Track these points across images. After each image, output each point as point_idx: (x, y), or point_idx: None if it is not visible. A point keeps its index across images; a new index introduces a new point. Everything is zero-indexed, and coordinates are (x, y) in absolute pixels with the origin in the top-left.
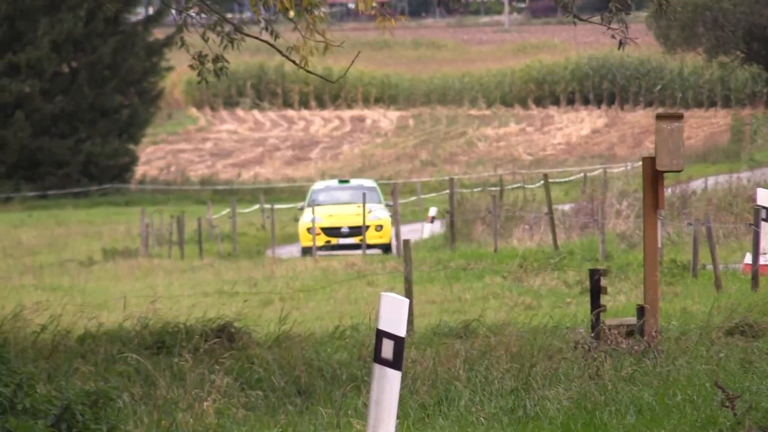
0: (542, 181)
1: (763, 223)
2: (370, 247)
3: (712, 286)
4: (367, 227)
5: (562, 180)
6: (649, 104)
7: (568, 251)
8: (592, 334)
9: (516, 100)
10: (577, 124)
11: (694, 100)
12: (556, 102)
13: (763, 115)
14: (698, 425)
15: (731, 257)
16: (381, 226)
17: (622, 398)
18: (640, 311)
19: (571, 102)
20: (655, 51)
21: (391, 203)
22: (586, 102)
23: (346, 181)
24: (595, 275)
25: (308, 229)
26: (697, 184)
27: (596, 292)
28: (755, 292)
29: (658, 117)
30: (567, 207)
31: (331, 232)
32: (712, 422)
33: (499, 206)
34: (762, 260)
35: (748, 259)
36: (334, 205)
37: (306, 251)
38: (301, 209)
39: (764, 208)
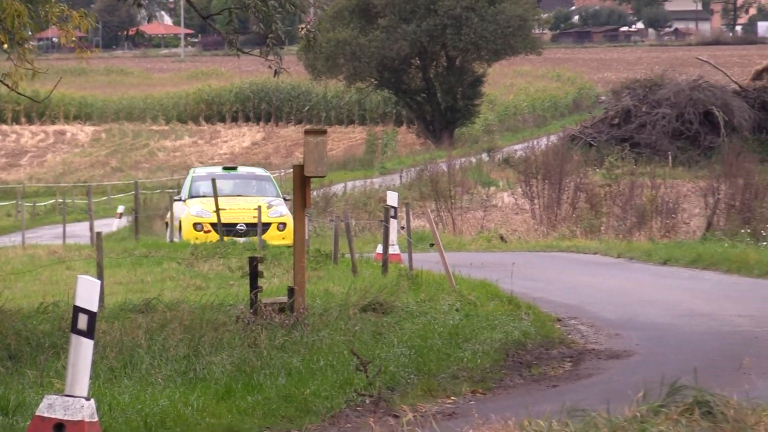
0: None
1: (391, 220)
2: (270, 247)
3: (349, 271)
4: (268, 225)
5: None
6: (299, 122)
7: (232, 242)
8: (251, 311)
9: (189, 118)
10: (239, 138)
11: (336, 118)
12: (223, 119)
13: (391, 131)
14: (337, 385)
15: (366, 247)
16: (284, 225)
17: (275, 363)
18: (291, 291)
19: (235, 119)
20: (304, 78)
21: (289, 197)
22: (247, 119)
23: (233, 168)
24: (253, 262)
25: (195, 225)
26: (338, 188)
27: (254, 275)
28: (385, 276)
29: (306, 132)
30: None
31: (225, 229)
32: (349, 383)
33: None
34: (391, 250)
35: (380, 249)
36: (226, 198)
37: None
38: (181, 200)
39: (392, 207)
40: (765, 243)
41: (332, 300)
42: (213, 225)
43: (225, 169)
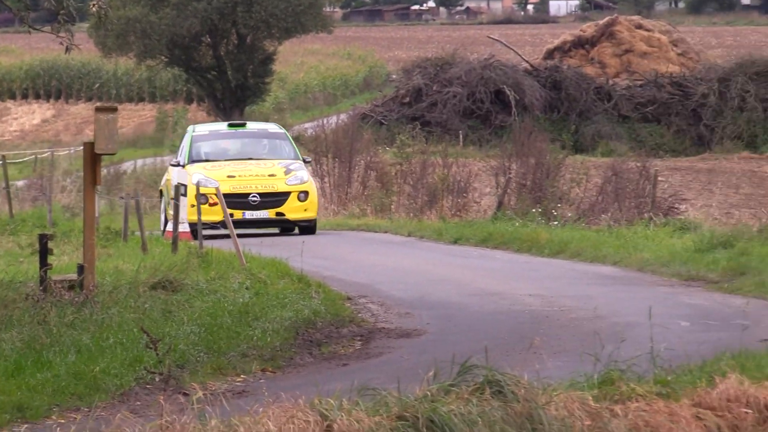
0: (0, 162)
1: (181, 198)
2: (290, 224)
3: (139, 249)
4: (286, 195)
5: (18, 161)
6: (90, 99)
7: (22, 219)
8: (41, 288)
9: None
10: (30, 115)
11: (127, 96)
12: (13, 96)
13: (182, 109)
14: (127, 363)
15: (156, 225)
16: (305, 193)
17: (65, 341)
18: (80, 269)
19: (25, 96)
20: (95, 55)
21: (309, 159)
22: (37, 97)
23: (240, 125)
24: (43, 239)
25: (198, 197)
26: (128, 165)
27: (44, 253)
28: (175, 254)
29: (97, 109)
30: (21, 183)
31: (234, 201)
32: (139, 361)
33: None
34: (181, 228)
35: (170, 227)
36: (232, 161)
37: (192, 230)
38: (178, 165)
39: (183, 185)
40: (556, 222)
41: (122, 278)
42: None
43: (231, 126)
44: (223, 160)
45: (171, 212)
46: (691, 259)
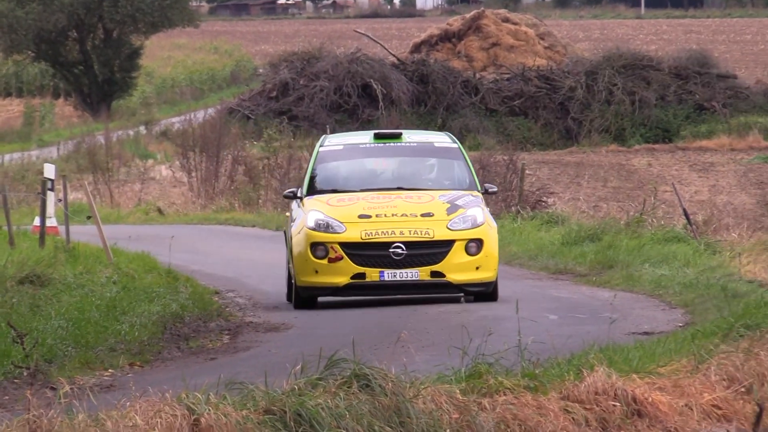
0: None
1: (48, 192)
2: (453, 289)
3: (7, 243)
4: (448, 245)
5: None
6: None
7: None
8: None
9: None
10: None
11: None
12: None
13: (50, 104)
14: None
15: (23, 220)
16: (478, 243)
17: None
18: None
19: None
20: None
21: (494, 188)
22: None
23: (394, 137)
24: None
25: (314, 247)
26: None
27: None
28: (42, 248)
29: None
30: None
31: (366, 255)
32: (6, 356)
33: None
34: (48, 222)
35: (37, 221)
36: (370, 193)
37: (305, 296)
38: (294, 196)
39: (50, 179)
40: None
41: None
42: (345, 247)
43: (379, 138)
44: (358, 190)
45: (296, 266)
46: (558, 253)
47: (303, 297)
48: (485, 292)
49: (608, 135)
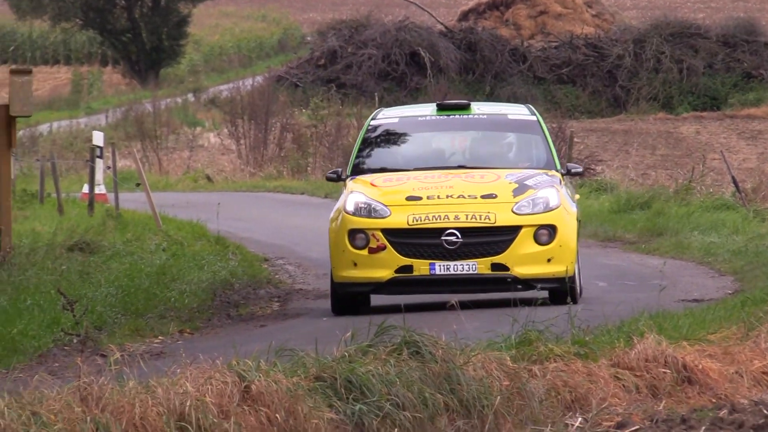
0: None
1: (97, 159)
2: (520, 284)
3: (56, 211)
4: (513, 232)
5: None
6: (4, 62)
7: None
8: None
9: None
10: None
11: (42, 58)
12: None
13: (98, 71)
14: (45, 325)
15: (72, 187)
16: (550, 229)
17: None
18: None
19: None
20: (9, 18)
21: (579, 168)
22: None
23: (461, 108)
24: None
25: (352, 234)
26: (43, 128)
27: None
28: (91, 216)
29: (11, 72)
30: None
31: (415, 244)
32: (56, 323)
33: None
34: (97, 190)
35: (86, 189)
36: (425, 172)
37: (342, 294)
38: (339, 178)
39: (98, 147)
40: None
41: (39, 240)
42: (390, 234)
43: (443, 109)
44: (412, 169)
45: (332, 258)
46: (608, 220)
47: (340, 295)
48: (558, 289)
49: (656, 103)
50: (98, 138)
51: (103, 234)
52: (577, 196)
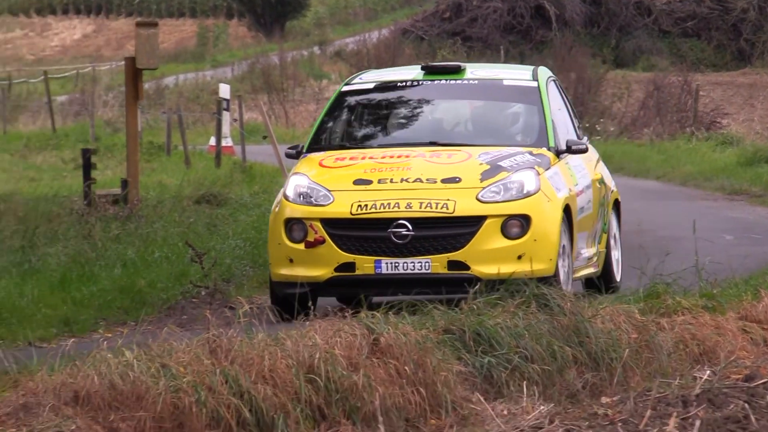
0: (43, 77)
1: (224, 112)
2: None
3: (183, 163)
4: (475, 224)
5: (59, 76)
6: (130, 14)
7: (64, 134)
8: (85, 202)
9: (20, 10)
10: (70, 30)
11: (167, 11)
12: (54, 12)
13: (223, 24)
14: (173, 277)
15: (198, 140)
16: (522, 220)
17: (110, 255)
18: (124, 183)
19: (66, 12)
20: None
21: (583, 144)
22: (78, 12)
23: (453, 72)
24: (86, 154)
25: (288, 225)
26: (169, 80)
27: (87, 167)
28: (218, 168)
29: (138, 24)
30: (64, 98)
31: (360, 237)
32: (184, 275)
33: (8, 97)
34: (224, 142)
35: (213, 141)
36: (386, 149)
37: (280, 295)
38: (296, 154)
39: (225, 99)
40: (598, 137)
41: (166, 192)
42: (331, 224)
43: (429, 72)
44: (375, 146)
45: (269, 253)
46: (734, 174)
47: (279, 297)
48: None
49: None
50: (225, 91)
51: (230, 186)
52: (601, 175)
